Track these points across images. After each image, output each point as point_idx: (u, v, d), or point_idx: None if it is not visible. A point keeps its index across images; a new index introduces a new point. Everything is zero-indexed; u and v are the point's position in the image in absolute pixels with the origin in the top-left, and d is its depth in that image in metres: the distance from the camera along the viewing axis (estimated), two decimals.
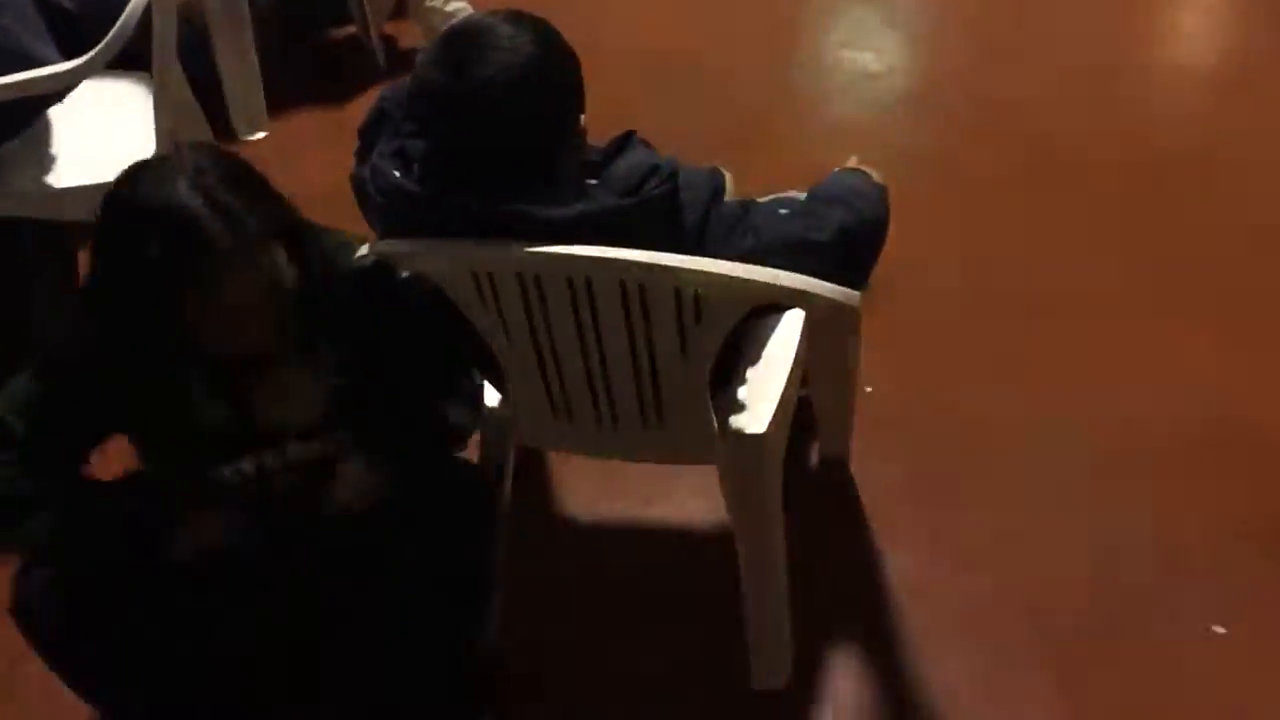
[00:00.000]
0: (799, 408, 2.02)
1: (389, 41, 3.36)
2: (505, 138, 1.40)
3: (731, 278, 1.40)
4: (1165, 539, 1.95)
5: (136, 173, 1.37)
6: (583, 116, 1.47)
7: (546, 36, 1.42)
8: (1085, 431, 2.14)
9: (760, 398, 1.66)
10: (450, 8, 3.02)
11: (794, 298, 1.44)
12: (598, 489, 2.08)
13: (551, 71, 1.41)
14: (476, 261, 1.45)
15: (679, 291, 1.42)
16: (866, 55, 3.36)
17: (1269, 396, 2.18)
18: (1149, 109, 3.11)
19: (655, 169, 1.43)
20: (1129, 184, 2.77)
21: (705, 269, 1.40)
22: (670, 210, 1.44)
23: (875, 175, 1.66)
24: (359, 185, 1.52)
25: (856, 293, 1.45)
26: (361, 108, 1.53)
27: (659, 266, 1.39)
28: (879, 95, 3.23)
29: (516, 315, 1.50)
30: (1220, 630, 1.82)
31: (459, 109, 1.39)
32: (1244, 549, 1.93)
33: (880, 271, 1.84)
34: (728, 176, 1.57)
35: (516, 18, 1.42)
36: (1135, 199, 2.73)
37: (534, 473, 2.07)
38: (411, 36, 3.32)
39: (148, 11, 2.13)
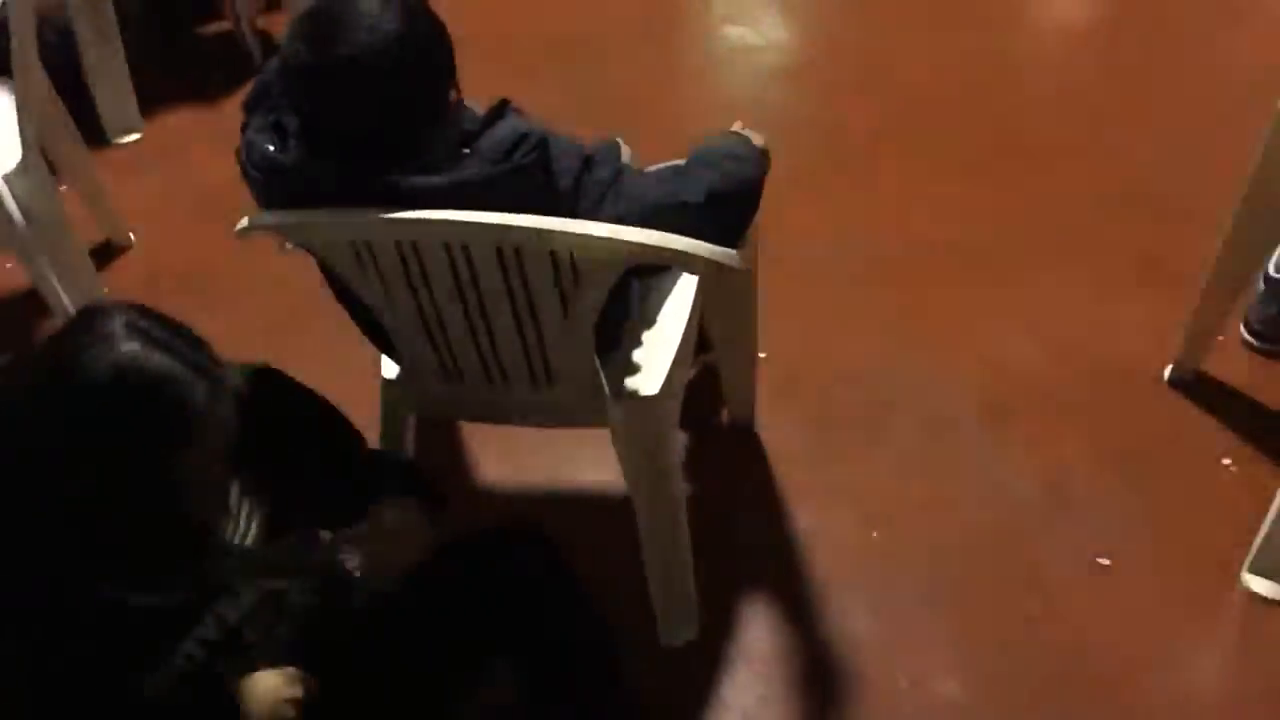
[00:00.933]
0: (707, 374, 2.06)
1: (263, 36, 3.30)
2: (369, 116, 1.39)
3: (602, 239, 1.40)
4: (1049, 478, 2.02)
5: (59, 348, 1.12)
6: (454, 90, 1.46)
7: (411, 11, 1.41)
8: (973, 383, 2.20)
9: (653, 360, 1.68)
10: None
11: (670, 258, 1.44)
12: (501, 459, 2.08)
13: (414, 48, 1.40)
14: (353, 230, 1.44)
15: (554, 254, 1.42)
16: (745, 30, 3.39)
17: (1131, 337, 2.27)
18: (1022, 75, 3.19)
19: (524, 137, 1.43)
20: (1000, 145, 2.84)
21: (575, 230, 1.40)
22: (541, 177, 1.44)
23: (756, 138, 1.68)
24: (239, 160, 1.51)
25: (733, 252, 1.46)
26: (239, 104, 1.51)
27: (532, 230, 1.39)
28: (759, 67, 3.27)
29: (398, 284, 1.49)
30: (1105, 562, 1.88)
31: (322, 86, 1.38)
32: (1117, 483, 2.00)
33: (768, 239, 1.89)
34: (625, 148, 1.58)
35: None
36: (1006, 159, 2.79)
37: (439, 446, 2.07)
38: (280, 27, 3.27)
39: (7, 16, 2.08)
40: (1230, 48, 3.18)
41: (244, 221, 1.47)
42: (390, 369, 1.70)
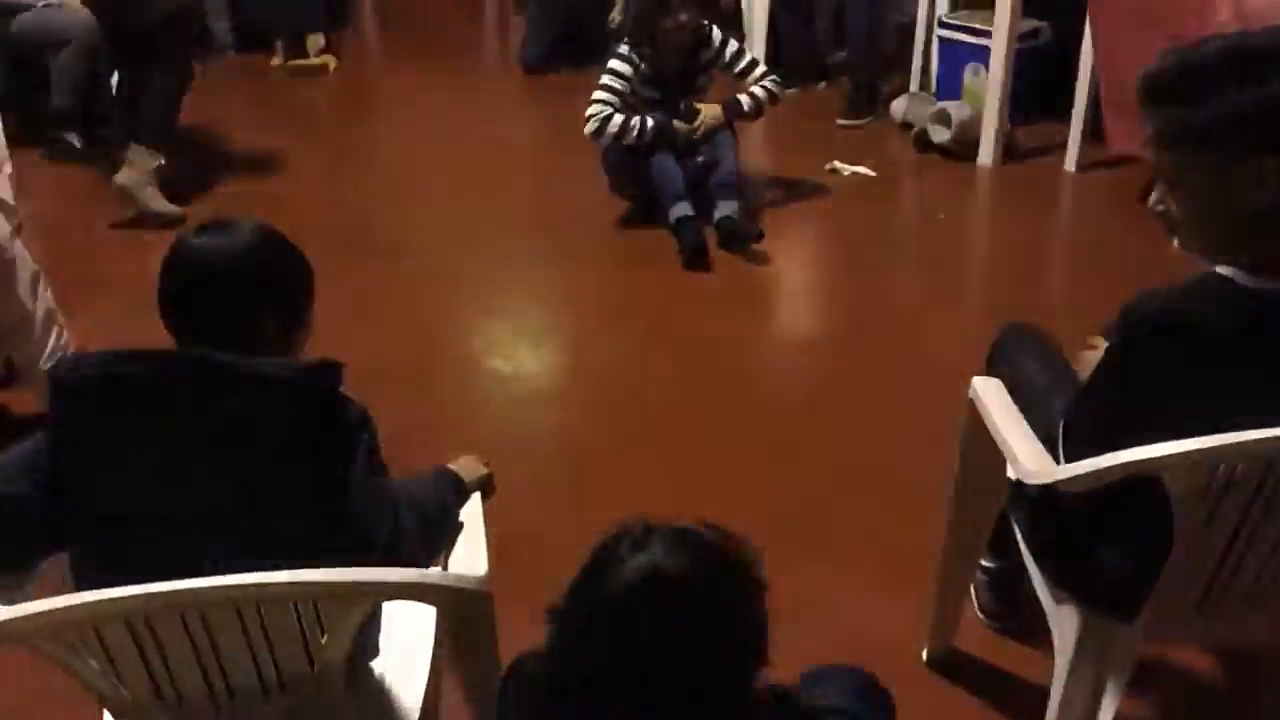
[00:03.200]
0: None
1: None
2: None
3: (341, 584, 1.40)
4: None
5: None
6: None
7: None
8: None
9: (404, 687, 1.65)
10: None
11: (408, 592, 1.45)
12: None
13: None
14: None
15: (296, 604, 1.41)
16: (501, 362, 3.53)
17: (888, 619, 2.36)
18: (759, 384, 3.42)
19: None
20: (746, 447, 3.01)
21: (314, 580, 1.40)
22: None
23: (469, 471, 1.88)
24: None
25: (477, 576, 1.48)
26: None
27: (266, 585, 1.38)
28: (518, 396, 3.39)
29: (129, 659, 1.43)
30: None
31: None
32: None
33: (503, 546, 1.90)
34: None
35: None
36: (753, 461, 2.95)
37: None
38: (22, 403, 3.19)
39: None
40: (939, 347, 3.49)
41: None
42: None
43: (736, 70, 4.11)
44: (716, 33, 4.09)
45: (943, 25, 4.79)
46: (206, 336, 1.56)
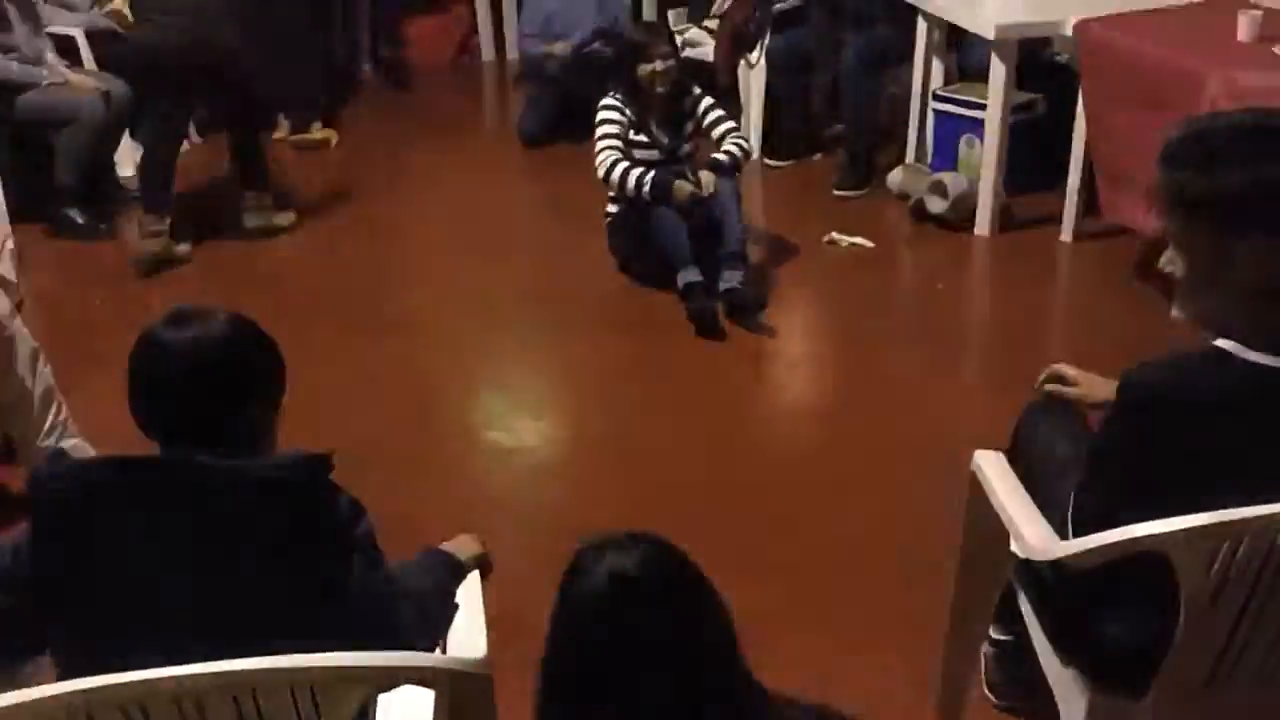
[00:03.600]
0: None
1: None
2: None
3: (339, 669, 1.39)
4: None
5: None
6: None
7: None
8: None
9: None
10: (64, 445, 2.93)
11: (407, 677, 1.43)
12: None
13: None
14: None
15: (293, 690, 1.39)
16: (501, 434, 3.52)
17: (895, 690, 2.33)
18: (760, 448, 3.41)
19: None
20: (747, 512, 3.00)
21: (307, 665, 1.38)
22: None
23: (465, 552, 1.90)
24: None
25: (476, 658, 1.47)
26: None
27: (264, 670, 1.36)
28: (518, 468, 3.38)
29: None
30: None
31: None
32: None
33: (503, 624, 1.89)
34: None
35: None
36: (755, 528, 2.94)
37: None
38: (20, 480, 3.18)
39: None
40: (939, 417, 3.48)
41: None
42: None
43: (706, 122, 4.17)
44: (696, 89, 4.20)
45: (937, 98, 4.84)
46: (184, 435, 1.52)
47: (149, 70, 4.45)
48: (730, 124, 4.20)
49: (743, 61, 5.34)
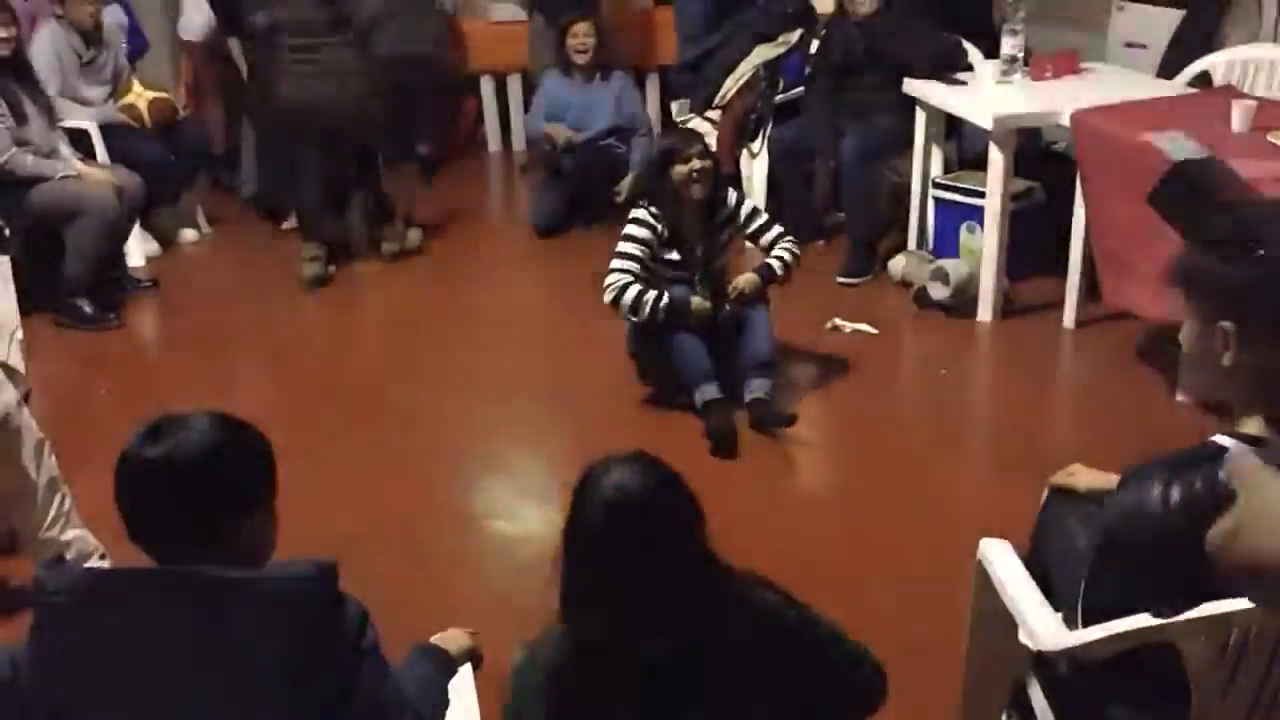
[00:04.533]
0: None
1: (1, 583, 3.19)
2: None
3: None
4: None
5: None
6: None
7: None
8: None
9: None
10: (67, 536, 2.93)
11: None
12: None
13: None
14: None
15: None
16: (504, 523, 3.51)
17: None
18: (770, 537, 3.40)
19: None
20: None
21: None
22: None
23: (455, 645, 1.89)
24: None
25: None
26: None
27: None
28: (519, 559, 3.35)
29: None
30: None
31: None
32: None
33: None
34: None
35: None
36: None
37: None
38: (24, 572, 3.16)
39: None
40: (945, 502, 3.47)
41: None
42: None
43: (750, 230, 3.97)
44: (732, 192, 3.98)
45: (937, 186, 4.91)
46: (182, 547, 1.47)
47: (295, 122, 5.02)
48: (779, 229, 3.98)
49: (745, 151, 5.42)
